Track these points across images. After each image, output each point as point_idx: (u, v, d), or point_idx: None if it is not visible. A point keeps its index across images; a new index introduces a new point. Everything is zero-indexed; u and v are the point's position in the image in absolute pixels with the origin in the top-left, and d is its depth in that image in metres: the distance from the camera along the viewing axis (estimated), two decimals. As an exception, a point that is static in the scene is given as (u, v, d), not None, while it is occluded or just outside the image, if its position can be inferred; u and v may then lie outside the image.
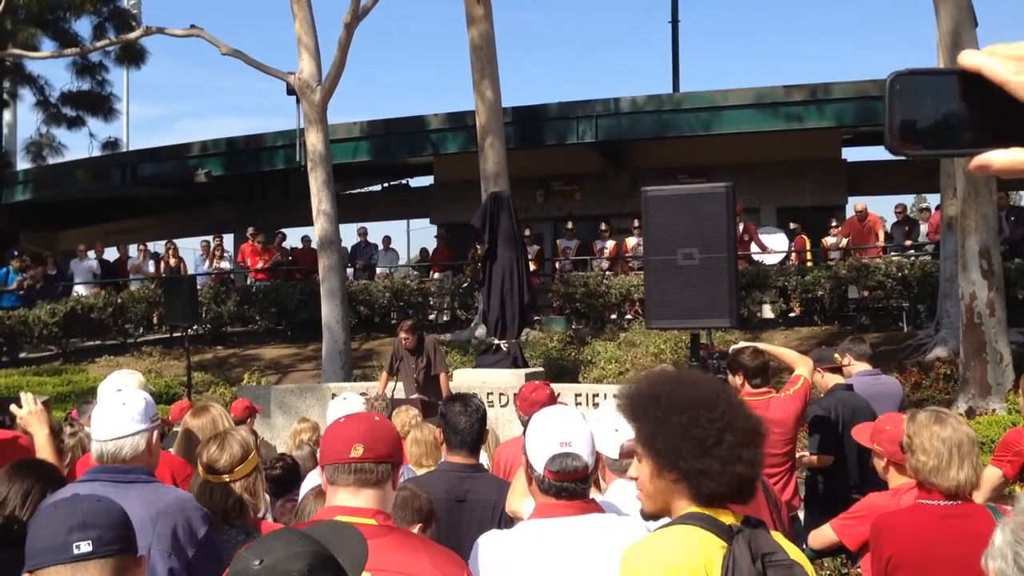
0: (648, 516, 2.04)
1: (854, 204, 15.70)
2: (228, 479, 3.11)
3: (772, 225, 17.33)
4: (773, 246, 15.51)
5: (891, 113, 0.92)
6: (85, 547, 1.91)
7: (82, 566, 1.91)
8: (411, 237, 30.10)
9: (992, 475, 4.12)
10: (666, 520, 1.97)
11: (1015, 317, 11.29)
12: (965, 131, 0.93)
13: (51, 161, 21.04)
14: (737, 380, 5.08)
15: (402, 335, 9.43)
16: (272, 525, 3.46)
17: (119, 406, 2.88)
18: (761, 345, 5.41)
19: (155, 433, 2.92)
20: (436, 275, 17.24)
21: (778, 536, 1.91)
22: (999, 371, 10.06)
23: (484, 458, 4.52)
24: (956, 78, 0.92)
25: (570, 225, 17.38)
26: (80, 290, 17.55)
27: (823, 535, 3.80)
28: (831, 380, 5.57)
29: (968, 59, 0.91)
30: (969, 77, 0.91)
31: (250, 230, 17.95)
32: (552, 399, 4.50)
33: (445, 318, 16.15)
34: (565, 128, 17.58)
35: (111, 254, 19.69)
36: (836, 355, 5.66)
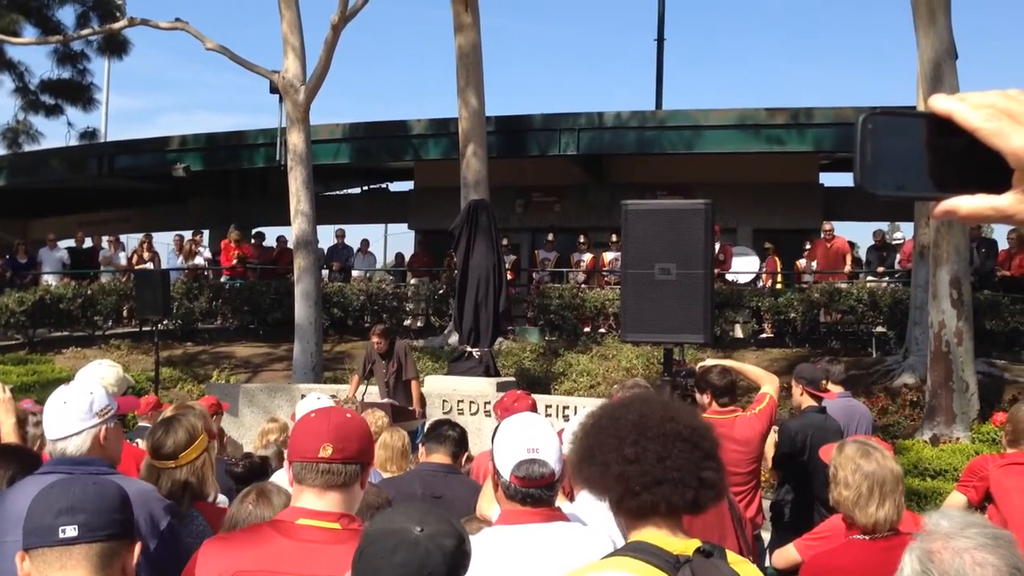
0: None
1: (822, 226, 15.78)
2: (173, 464, 3.09)
3: (748, 245, 17.45)
4: (745, 267, 15.62)
5: (862, 152, 0.92)
6: (71, 531, 1.90)
7: (67, 550, 1.89)
8: (388, 241, 30.06)
9: (956, 501, 4.16)
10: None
11: (982, 348, 11.44)
12: (933, 175, 0.92)
13: (27, 148, 20.79)
14: (705, 398, 5.09)
15: (374, 339, 9.40)
16: (218, 509, 3.42)
17: (61, 405, 2.81)
18: (728, 362, 5.43)
19: (104, 428, 2.84)
20: (412, 280, 17.20)
21: (738, 562, 1.81)
22: (965, 400, 10.19)
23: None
24: (927, 121, 0.92)
25: (551, 237, 17.41)
26: (49, 280, 17.33)
27: (786, 554, 3.83)
28: (806, 401, 5.57)
29: (939, 103, 0.91)
30: (940, 121, 0.91)
31: (232, 227, 17.78)
32: (533, 411, 4.49)
33: (419, 324, 16.11)
34: (548, 139, 17.62)
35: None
36: (824, 381, 5.66)
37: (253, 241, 18.21)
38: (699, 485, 1.77)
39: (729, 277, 15.00)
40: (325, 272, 16.64)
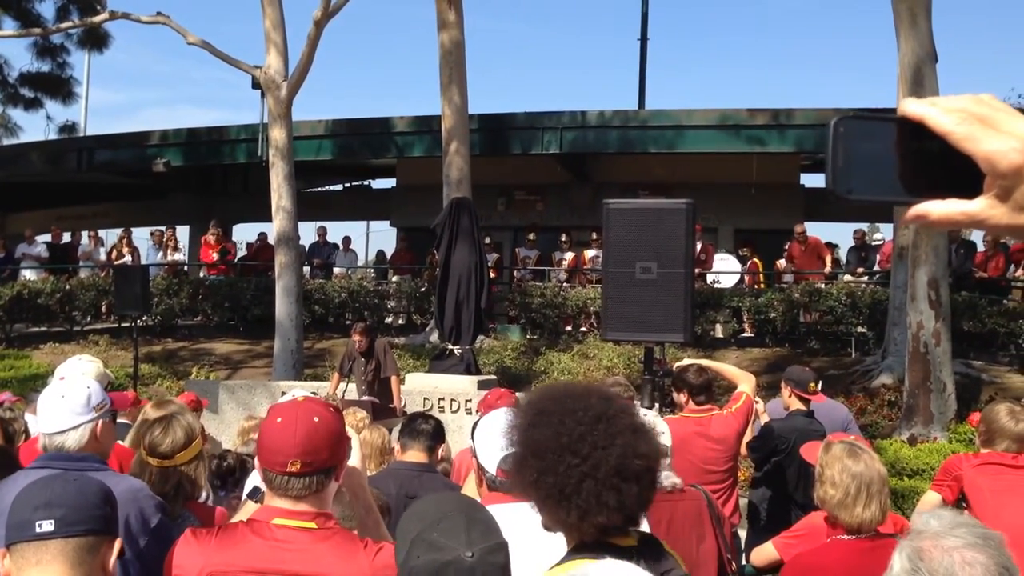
0: None
1: (795, 227, 15.71)
2: (168, 464, 3.05)
3: (729, 245, 17.52)
4: (727, 268, 15.67)
5: (834, 156, 0.91)
6: (47, 526, 1.89)
7: (43, 545, 1.89)
8: (371, 239, 29.95)
9: (931, 500, 4.19)
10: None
11: (960, 349, 11.54)
12: (905, 179, 0.92)
13: (5, 142, 20.61)
14: (681, 397, 5.11)
15: (355, 337, 9.38)
16: (209, 508, 3.40)
17: (59, 399, 2.81)
18: (705, 362, 5.46)
19: (101, 423, 2.84)
20: (394, 278, 17.18)
21: (671, 551, 1.88)
22: (942, 401, 10.27)
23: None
24: (898, 125, 0.92)
25: (532, 235, 17.41)
26: (28, 274, 17.19)
27: (764, 552, 3.85)
28: (794, 404, 5.60)
29: (911, 108, 0.91)
30: (911, 125, 0.91)
31: (212, 223, 17.68)
32: None
33: (401, 322, 16.09)
34: (530, 138, 17.63)
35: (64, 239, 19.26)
36: (812, 383, 5.69)
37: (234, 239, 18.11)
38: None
39: (710, 278, 15.04)
40: (306, 269, 16.59)
